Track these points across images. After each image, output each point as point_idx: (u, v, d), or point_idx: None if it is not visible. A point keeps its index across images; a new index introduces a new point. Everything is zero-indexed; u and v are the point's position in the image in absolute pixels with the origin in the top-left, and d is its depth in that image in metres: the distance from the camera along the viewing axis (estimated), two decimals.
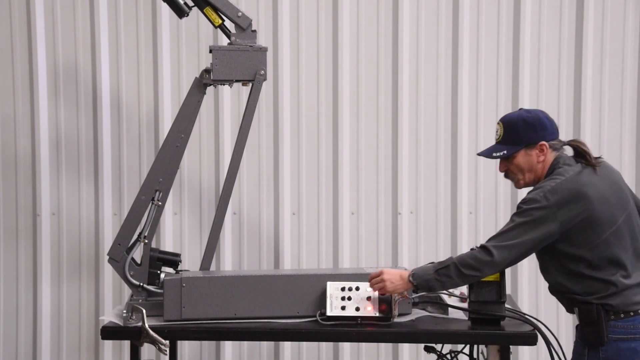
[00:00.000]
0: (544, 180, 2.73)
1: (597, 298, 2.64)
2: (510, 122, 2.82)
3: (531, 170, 2.79)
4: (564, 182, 2.66)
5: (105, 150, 4.10)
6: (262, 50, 3.19)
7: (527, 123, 2.77)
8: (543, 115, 2.81)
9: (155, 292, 3.17)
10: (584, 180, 2.68)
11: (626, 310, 2.63)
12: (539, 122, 2.78)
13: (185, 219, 4.14)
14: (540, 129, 2.77)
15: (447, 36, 4.12)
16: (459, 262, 2.73)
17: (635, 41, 4.12)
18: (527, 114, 2.80)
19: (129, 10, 4.09)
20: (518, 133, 2.78)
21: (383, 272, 2.89)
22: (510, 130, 2.80)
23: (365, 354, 4.15)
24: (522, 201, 2.70)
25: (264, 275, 3.09)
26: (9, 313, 4.16)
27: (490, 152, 2.85)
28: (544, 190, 2.65)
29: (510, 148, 2.79)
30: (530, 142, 2.77)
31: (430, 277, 2.76)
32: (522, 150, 2.78)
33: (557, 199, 2.63)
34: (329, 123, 4.14)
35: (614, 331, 2.63)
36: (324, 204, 4.14)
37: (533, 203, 2.65)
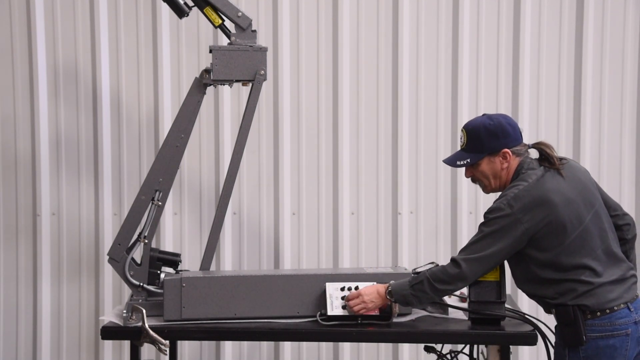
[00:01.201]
0: (507, 188, 2.75)
1: (572, 299, 2.66)
2: (473, 130, 2.83)
3: (496, 176, 2.82)
4: (527, 188, 2.68)
5: (105, 150, 4.10)
6: (262, 50, 3.18)
7: (489, 131, 2.79)
8: (506, 121, 2.82)
9: (155, 292, 3.17)
10: (547, 185, 2.69)
11: (602, 309, 2.65)
12: (502, 129, 2.79)
13: (185, 219, 4.14)
14: (502, 136, 2.78)
15: (447, 36, 4.12)
16: (431, 277, 2.76)
17: (635, 41, 4.12)
18: (489, 122, 2.81)
19: (129, 10, 4.09)
20: (480, 141, 2.80)
21: (360, 293, 2.91)
22: (473, 138, 2.82)
23: (365, 354, 4.15)
24: (488, 211, 2.73)
25: (264, 275, 3.09)
26: (9, 313, 4.16)
27: (454, 160, 2.88)
28: (507, 198, 2.68)
29: (473, 156, 2.82)
30: (493, 150, 2.79)
31: (406, 292, 2.81)
32: (486, 158, 2.81)
33: (520, 205, 2.65)
34: (329, 123, 4.14)
35: (592, 330, 2.65)
36: (324, 204, 4.14)
37: (498, 212, 2.68)
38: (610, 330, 2.64)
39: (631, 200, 4.15)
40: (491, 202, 4.08)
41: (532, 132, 4.11)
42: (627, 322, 2.65)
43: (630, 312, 2.67)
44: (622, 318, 2.65)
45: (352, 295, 2.92)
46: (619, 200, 4.11)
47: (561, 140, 4.12)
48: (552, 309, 2.73)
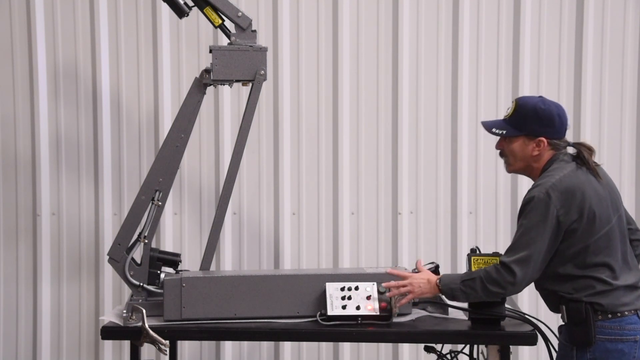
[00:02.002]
0: (541, 177, 2.72)
1: (587, 296, 2.64)
2: (522, 106, 2.79)
3: (523, 159, 2.79)
4: (563, 178, 2.65)
5: (105, 150, 4.10)
6: (262, 50, 3.19)
7: (537, 114, 2.75)
8: (557, 111, 2.78)
9: (155, 292, 3.17)
10: (581, 178, 2.68)
11: (614, 311, 2.63)
12: (549, 117, 2.75)
13: (185, 219, 4.14)
14: (547, 124, 2.75)
15: (447, 36, 4.12)
16: (485, 277, 2.70)
17: (635, 41, 4.12)
18: (542, 106, 2.77)
19: (129, 10, 4.09)
20: (524, 119, 2.76)
21: (410, 276, 2.87)
22: (519, 113, 2.78)
23: (365, 354, 4.15)
24: (525, 202, 2.69)
25: (264, 275, 3.09)
26: (9, 313, 4.16)
27: (492, 126, 2.84)
28: (544, 187, 2.64)
29: (511, 130, 2.78)
30: (532, 133, 2.75)
31: (456, 286, 2.75)
32: (522, 138, 2.77)
33: (557, 194, 2.62)
34: (329, 123, 4.14)
35: (602, 331, 2.63)
36: (324, 204, 4.14)
37: (536, 202, 2.63)
38: (619, 335, 2.63)
39: (631, 200, 4.15)
40: (489, 204, 4.10)
41: None
42: (636, 328, 2.64)
43: (639, 320, 2.66)
44: (632, 324, 2.64)
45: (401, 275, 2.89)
46: None
47: None
48: (562, 306, 2.70)
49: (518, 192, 4.11)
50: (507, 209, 4.13)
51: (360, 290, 2.98)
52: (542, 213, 2.62)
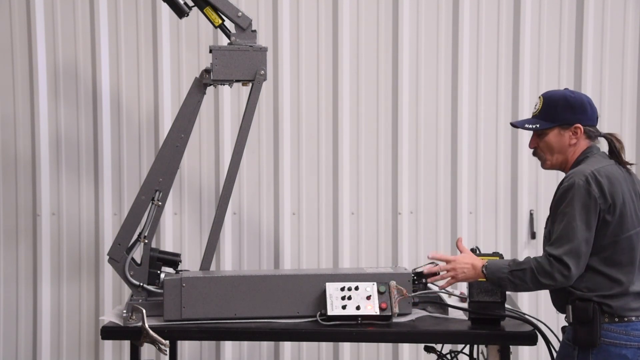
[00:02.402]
0: (577, 165, 2.68)
1: (599, 296, 2.61)
2: (551, 98, 2.77)
3: (561, 151, 2.75)
4: (603, 168, 2.63)
5: (105, 150, 4.10)
6: (262, 50, 3.19)
7: (568, 102, 2.73)
8: (587, 99, 2.76)
9: (155, 292, 3.17)
10: (618, 172, 2.67)
11: (621, 315, 2.60)
12: (581, 104, 2.73)
13: (185, 219, 4.14)
14: (579, 111, 2.72)
15: (447, 36, 4.12)
16: (537, 269, 2.61)
17: (635, 41, 4.12)
18: (571, 94, 2.76)
19: (129, 10, 4.09)
20: (556, 110, 2.73)
21: (454, 259, 2.82)
22: (549, 105, 2.76)
23: (365, 354, 4.15)
24: (565, 188, 2.62)
25: (264, 275, 3.09)
26: (9, 313, 4.16)
27: (524, 123, 2.81)
28: (584, 174, 2.60)
29: (544, 123, 2.74)
30: (566, 122, 2.72)
31: (503, 275, 2.68)
32: (556, 129, 2.74)
33: (597, 182, 2.59)
34: (329, 123, 4.14)
35: (607, 335, 2.60)
36: (324, 204, 4.14)
37: (577, 188, 2.58)
38: (625, 340, 2.59)
39: None
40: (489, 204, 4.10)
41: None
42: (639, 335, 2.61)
43: None
44: (638, 330, 2.60)
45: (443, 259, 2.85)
46: None
47: None
48: (569, 305, 2.66)
49: (518, 192, 4.11)
50: (507, 209, 4.13)
51: (360, 290, 2.98)
52: (585, 200, 2.57)
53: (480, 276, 2.76)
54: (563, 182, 2.66)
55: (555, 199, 2.67)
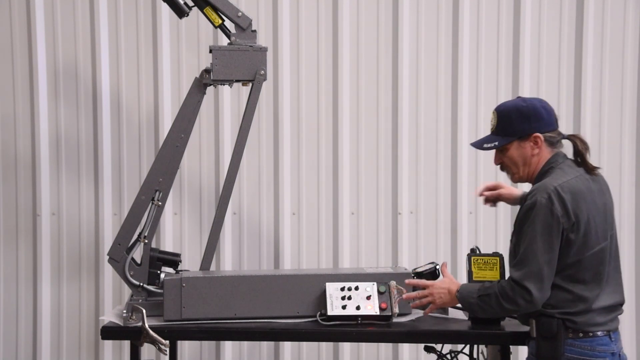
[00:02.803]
0: (541, 178, 2.63)
1: (562, 313, 2.58)
2: (504, 112, 2.70)
3: (526, 163, 2.69)
4: (567, 183, 2.57)
5: (105, 150, 4.10)
6: (262, 50, 3.19)
7: (521, 113, 2.66)
8: (541, 104, 2.69)
9: (155, 292, 3.17)
10: (585, 185, 2.60)
11: (586, 331, 2.57)
12: (535, 112, 2.65)
13: (185, 219, 4.14)
14: (535, 119, 2.65)
15: (447, 36, 4.12)
16: (500, 294, 2.61)
17: (635, 41, 4.12)
18: (523, 104, 2.68)
19: (129, 10, 4.09)
20: (511, 123, 2.67)
21: (431, 285, 2.82)
22: (503, 120, 2.69)
23: (365, 354, 4.15)
24: (527, 207, 2.57)
25: (264, 275, 3.09)
26: (9, 313, 4.16)
27: (482, 143, 2.75)
28: (547, 191, 2.54)
29: (502, 139, 2.69)
30: (523, 133, 2.66)
31: (473, 300, 2.69)
32: (515, 142, 2.68)
33: (560, 199, 2.53)
34: (329, 123, 4.14)
35: (571, 350, 2.57)
36: (324, 204, 4.14)
37: (539, 207, 2.53)
38: (589, 355, 2.56)
39: (631, 200, 4.15)
40: None
41: None
42: (606, 350, 2.58)
43: (610, 342, 2.60)
44: (603, 345, 2.58)
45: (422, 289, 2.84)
46: (619, 199, 4.12)
47: None
48: (533, 320, 2.64)
49: None
50: (507, 209, 4.13)
51: (360, 290, 2.98)
52: (547, 219, 2.52)
53: (455, 301, 2.78)
54: (526, 198, 2.61)
55: (519, 217, 2.63)
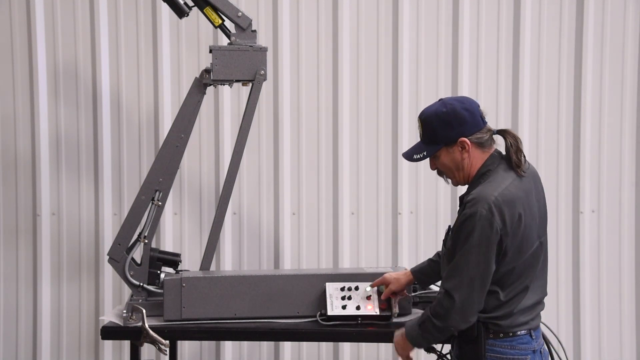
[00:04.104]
0: (477, 186, 2.55)
1: (487, 317, 2.54)
2: (426, 120, 2.62)
3: (458, 168, 2.62)
4: (506, 190, 2.50)
5: (105, 150, 4.10)
6: (262, 50, 3.18)
7: (441, 120, 2.57)
8: (461, 106, 2.59)
9: (155, 292, 3.17)
10: (521, 191, 2.53)
11: (506, 331, 2.55)
12: (455, 116, 2.56)
13: (185, 219, 4.14)
14: (457, 124, 2.56)
15: (447, 36, 4.12)
16: (432, 314, 2.53)
17: (635, 41, 4.12)
18: (442, 109, 2.58)
19: (129, 10, 4.09)
20: (434, 131, 2.59)
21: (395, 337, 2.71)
22: (427, 128, 2.61)
23: (365, 354, 4.15)
24: (466, 217, 2.48)
25: (264, 275, 3.09)
26: (9, 313, 4.16)
27: (412, 154, 2.67)
28: (486, 201, 2.46)
29: (429, 149, 2.62)
30: (449, 140, 2.58)
31: (416, 333, 2.60)
32: (443, 149, 2.60)
33: (499, 211, 2.46)
34: (329, 123, 4.14)
35: (492, 350, 2.55)
36: (324, 204, 4.14)
37: (478, 218, 2.45)
38: (511, 354, 2.54)
39: (631, 200, 4.15)
40: None
41: (532, 132, 4.11)
42: (527, 348, 2.56)
43: (531, 340, 2.58)
44: (524, 344, 2.56)
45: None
46: (619, 200, 4.13)
47: (561, 140, 4.12)
48: None
49: None
50: None
51: (360, 290, 2.99)
52: (486, 232, 2.45)
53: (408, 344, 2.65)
54: (465, 206, 2.52)
55: (457, 226, 2.53)
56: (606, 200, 4.13)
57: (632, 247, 4.16)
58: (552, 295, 3.21)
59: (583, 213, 4.13)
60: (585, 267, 4.13)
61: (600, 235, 4.14)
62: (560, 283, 4.11)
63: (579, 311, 4.13)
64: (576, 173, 4.13)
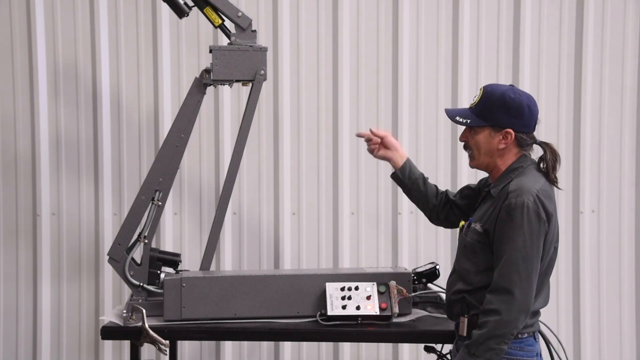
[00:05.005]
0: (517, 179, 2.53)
1: None
2: (490, 94, 2.59)
3: (488, 153, 2.60)
4: (544, 187, 2.52)
5: (105, 150, 4.10)
6: (262, 50, 3.19)
7: (505, 103, 2.55)
8: (527, 102, 2.58)
9: (155, 292, 3.17)
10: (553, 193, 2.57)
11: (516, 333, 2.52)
12: (518, 107, 2.55)
13: (185, 219, 4.14)
14: (515, 115, 2.55)
15: (447, 36, 4.12)
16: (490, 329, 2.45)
17: (635, 41, 4.12)
18: (512, 95, 2.57)
19: (129, 10, 4.09)
20: (491, 109, 2.57)
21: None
22: (485, 102, 2.59)
23: (365, 354, 4.15)
24: (512, 207, 2.46)
25: (264, 275, 3.09)
26: (9, 313, 4.16)
27: (456, 114, 2.65)
28: (531, 193, 2.46)
29: (476, 120, 2.59)
30: (498, 124, 2.56)
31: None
32: (487, 129, 2.58)
33: (544, 205, 2.48)
34: (329, 123, 4.14)
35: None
36: (324, 204, 4.14)
37: (529, 211, 2.45)
38: (520, 356, 2.55)
39: (631, 200, 4.15)
40: None
41: None
42: (533, 350, 2.58)
43: (535, 342, 2.59)
44: (530, 346, 2.57)
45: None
46: (619, 200, 4.13)
47: (561, 140, 4.12)
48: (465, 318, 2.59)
49: None
50: None
51: (360, 290, 2.99)
52: (534, 222, 2.45)
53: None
54: (509, 196, 2.48)
55: (500, 217, 2.49)
56: (606, 200, 4.13)
57: (632, 247, 4.16)
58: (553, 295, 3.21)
59: (583, 213, 4.13)
60: (585, 267, 4.13)
61: (600, 235, 4.14)
62: (560, 283, 4.11)
63: (579, 311, 4.14)
64: (576, 173, 4.13)
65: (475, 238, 2.61)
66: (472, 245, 2.62)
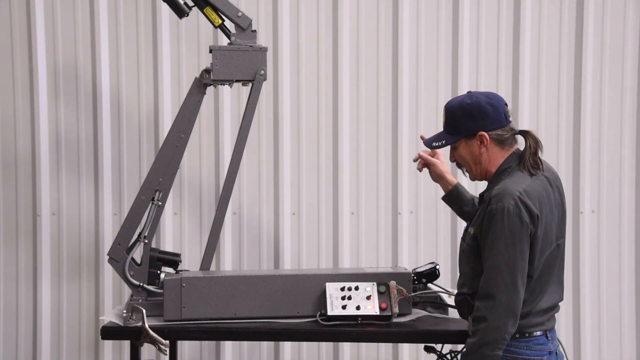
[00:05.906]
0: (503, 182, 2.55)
1: None
2: (450, 109, 2.66)
3: (476, 162, 2.64)
4: (530, 186, 2.51)
5: (105, 150, 4.10)
6: (262, 50, 3.19)
7: (465, 111, 2.60)
8: (487, 101, 2.61)
9: (155, 292, 3.17)
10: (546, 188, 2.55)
11: (523, 332, 2.55)
12: (479, 110, 2.58)
13: (185, 219, 4.14)
14: (479, 117, 2.58)
15: (447, 36, 4.12)
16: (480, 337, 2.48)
17: (635, 41, 4.12)
18: (468, 101, 2.61)
19: (129, 10, 4.09)
20: (456, 122, 2.62)
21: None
22: (449, 117, 2.66)
23: (365, 354, 4.15)
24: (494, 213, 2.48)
25: (264, 275, 3.09)
26: (9, 313, 4.16)
27: (431, 141, 2.71)
28: (513, 197, 2.47)
29: (449, 138, 2.65)
30: (469, 132, 2.60)
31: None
32: (462, 141, 2.64)
33: (527, 206, 2.47)
34: (329, 123, 4.14)
35: (507, 350, 2.53)
36: (324, 204, 4.14)
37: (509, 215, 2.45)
38: (527, 355, 2.55)
39: (631, 200, 4.15)
40: None
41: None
42: (543, 349, 2.58)
43: (547, 341, 2.59)
44: (540, 345, 2.57)
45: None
46: (619, 200, 4.13)
47: (561, 140, 4.12)
48: (471, 318, 2.59)
49: None
50: None
51: (360, 290, 2.99)
52: (516, 227, 2.45)
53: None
54: (490, 201, 2.51)
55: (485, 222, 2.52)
56: (606, 200, 4.13)
57: (632, 247, 4.16)
58: None
59: (583, 213, 4.13)
60: (585, 267, 4.13)
61: (600, 235, 4.14)
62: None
63: (579, 311, 4.14)
64: (576, 173, 4.13)
65: (470, 243, 2.65)
66: (467, 250, 2.66)
